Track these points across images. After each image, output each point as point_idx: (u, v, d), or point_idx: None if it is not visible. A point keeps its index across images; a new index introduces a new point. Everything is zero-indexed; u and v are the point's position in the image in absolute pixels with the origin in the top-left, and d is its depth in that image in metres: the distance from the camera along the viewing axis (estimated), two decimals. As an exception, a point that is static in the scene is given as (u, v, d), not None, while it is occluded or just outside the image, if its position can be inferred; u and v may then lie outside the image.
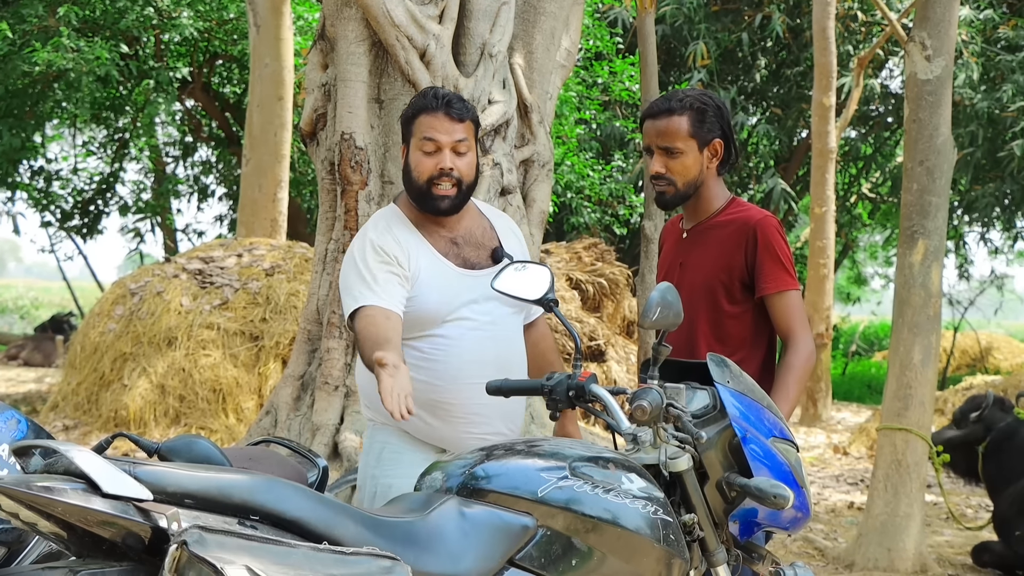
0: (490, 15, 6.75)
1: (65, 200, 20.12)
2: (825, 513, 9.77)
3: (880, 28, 17.53)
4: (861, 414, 17.46)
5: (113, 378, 11.33)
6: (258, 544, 2.51)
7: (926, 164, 7.64)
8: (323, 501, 2.84)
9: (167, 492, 2.56)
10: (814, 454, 13.27)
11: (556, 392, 3.45)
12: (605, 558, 3.09)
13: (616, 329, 12.65)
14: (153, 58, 15.66)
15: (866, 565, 7.51)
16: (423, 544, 2.91)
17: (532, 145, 6.99)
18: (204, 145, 20.88)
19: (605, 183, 15.40)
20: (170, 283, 11.45)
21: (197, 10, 14.80)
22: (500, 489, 3.07)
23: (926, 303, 7.64)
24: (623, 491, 3.12)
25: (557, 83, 7.32)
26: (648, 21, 7.77)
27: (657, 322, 3.33)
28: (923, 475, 7.72)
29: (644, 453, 3.29)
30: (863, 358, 30.14)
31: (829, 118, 15.26)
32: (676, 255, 4.29)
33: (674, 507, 3.30)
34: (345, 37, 6.64)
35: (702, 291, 4.10)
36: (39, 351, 20.60)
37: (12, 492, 2.39)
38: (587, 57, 15.41)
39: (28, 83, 14.69)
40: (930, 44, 7.64)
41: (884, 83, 20.29)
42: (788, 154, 21.27)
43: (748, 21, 17.90)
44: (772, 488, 3.20)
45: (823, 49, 15.02)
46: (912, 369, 7.64)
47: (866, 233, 29.07)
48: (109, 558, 2.55)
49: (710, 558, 3.39)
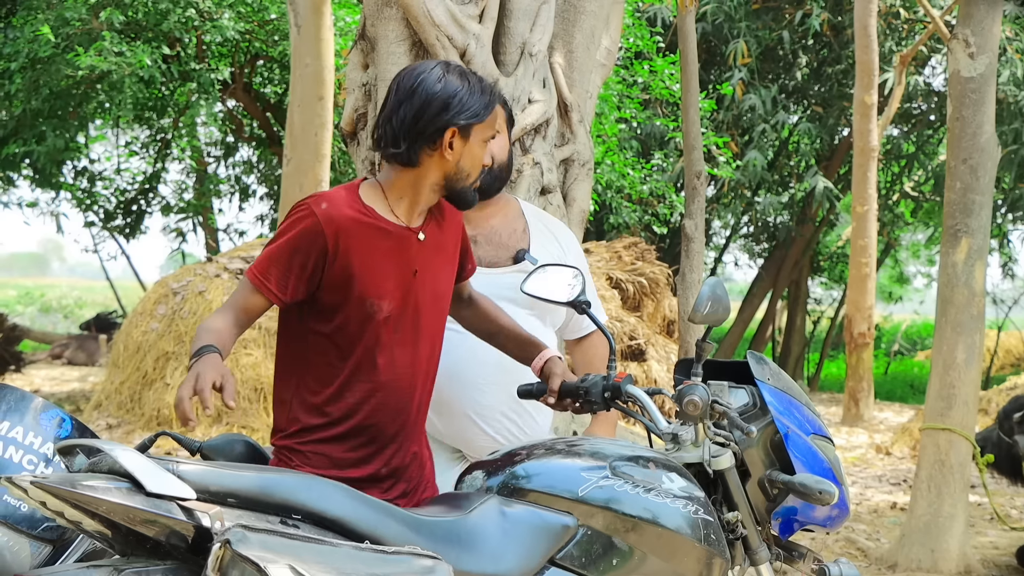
0: (530, 14, 6.74)
1: (108, 200, 20.19)
2: (868, 513, 9.71)
3: (923, 25, 17.40)
4: (904, 414, 17.36)
5: (156, 377, 11.42)
6: (300, 543, 2.51)
7: (969, 162, 7.60)
8: (364, 500, 2.85)
9: (210, 491, 2.58)
10: (856, 454, 13.20)
11: (592, 393, 3.47)
12: (646, 557, 3.09)
13: (656, 328, 12.61)
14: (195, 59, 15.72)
15: (909, 566, 7.47)
16: (464, 543, 2.91)
17: (572, 144, 6.97)
18: (245, 145, 20.92)
19: (645, 182, 15.34)
20: (212, 282, 11.53)
21: (238, 11, 14.85)
22: (541, 488, 3.08)
23: (970, 302, 7.60)
24: (664, 490, 3.12)
25: (597, 82, 7.30)
26: (688, 19, 7.74)
27: (708, 317, 3.34)
28: (967, 475, 7.68)
29: (685, 452, 3.28)
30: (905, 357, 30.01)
31: (871, 116, 15.18)
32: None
33: (715, 506, 3.29)
34: (385, 37, 6.63)
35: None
36: (83, 350, 20.74)
37: (57, 490, 2.40)
38: (627, 56, 15.35)
39: (71, 84, 14.77)
40: (973, 41, 7.60)
41: (927, 80, 20.12)
42: (829, 152, 21.14)
43: (789, 19, 17.80)
44: (817, 484, 3.21)
45: (865, 47, 14.93)
46: (955, 368, 7.60)
47: (908, 232, 28.89)
48: (153, 557, 2.56)
49: (753, 556, 3.39)
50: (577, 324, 4.20)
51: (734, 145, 17.13)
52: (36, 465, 3.26)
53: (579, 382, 3.51)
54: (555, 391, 3.55)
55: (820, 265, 26.48)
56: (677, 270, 7.92)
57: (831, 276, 27.54)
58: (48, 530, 3.18)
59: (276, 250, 3.21)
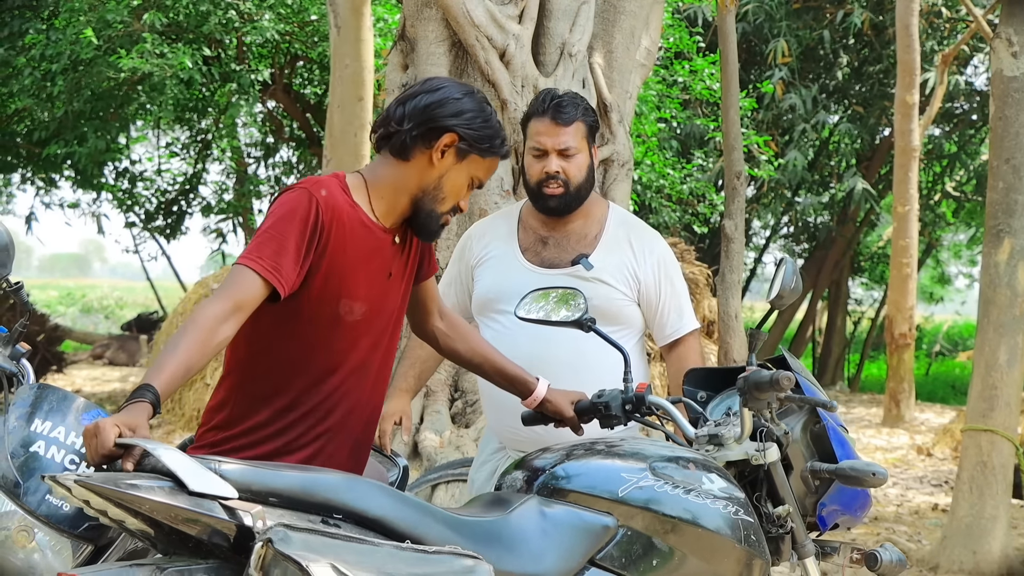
0: (570, 14, 6.74)
1: (149, 201, 20.27)
2: (909, 515, 9.66)
3: (965, 24, 17.30)
4: (945, 415, 17.24)
5: (196, 377, 11.44)
6: (342, 542, 2.51)
7: (1012, 162, 7.55)
8: (405, 500, 2.83)
9: (252, 490, 2.57)
10: (897, 455, 13.13)
11: (612, 408, 3.50)
12: (686, 558, 3.07)
13: (696, 329, 12.55)
14: (235, 60, 15.79)
15: (951, 568, 7.43)
16: (505, 543, 2.89)
17: (612, 144, 6.97)
18: (285, 146, 20.98)
19: (685, 182, 15.30)
20: (252, 283, 11.55)
21: (278, 12, 14.90)
22: (580, 489, 3.05)
23: (1012, 302, 7.55)
24: (704, 491, 3.10)
25: (637, 82, 7.29)
26: (728, 19, 7.71)
27: (785, 298, 3.42)
28: (1009, 477, 7.63)
29: (727, 450, 3.28)
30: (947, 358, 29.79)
31: (912, 116, 15.08)
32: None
33: (759, 502, 3.30)
34: (425, 37, 6.65)
35: None
36: (124, 350, 20.87)
37: (100, 489, 2.41)
38: (667, 56, 15.31)
39: (113, 86, 14.86)
40: (1016, 40, 7.55)
41: (969, 80, 20.01)
42: (870, 152, 21.04)
43: (830, 18, 17.73)
44: (867, 467, 3.21)
45: (906, 46, 14.84)
46: (998, 369, 7.56)
47: (950, 232, 28.70)
48: (195, 555, 2.56)
49: (800, 550, 3.39)
50: (661, 330, 4.23)
51: (774, 145, 17.06)
52: (78, 465, 3.28)
53: (595, 398, 3.54)
54: (571, 415, 3.59)
55: (861, 265, 26.36)
56: (717, 270, 7.90)
57: (872, 276, 27.42)
58: (89, 530, 3.21)
59: (277, 236, 3.04)
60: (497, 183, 6.53)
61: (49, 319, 18.86)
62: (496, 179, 6.45)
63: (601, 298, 3.99)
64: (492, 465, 4.25)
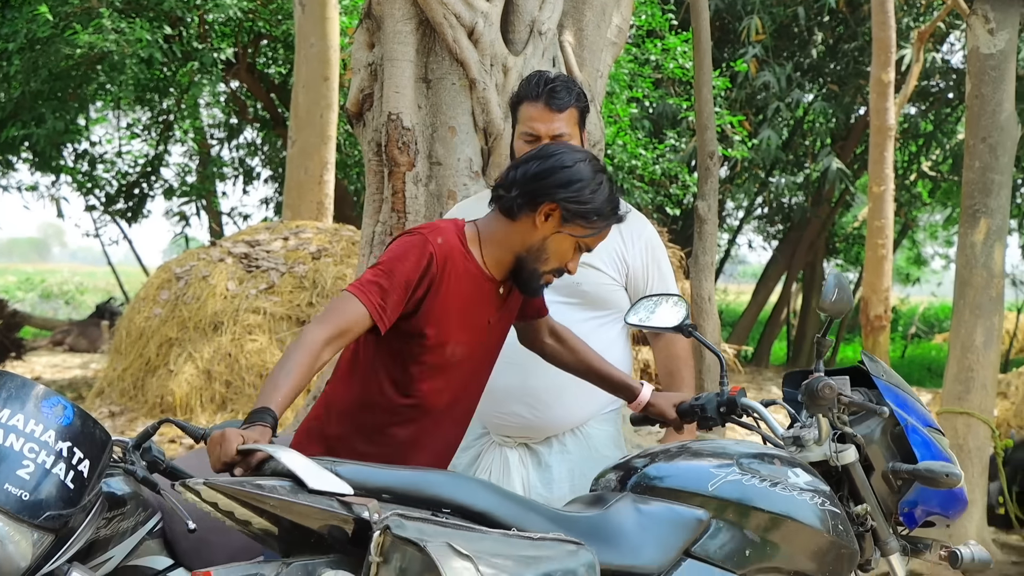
0: (540, -9, 6.55)
1: (109, 183, 20.10)
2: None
3: (941, 1, 17.17)
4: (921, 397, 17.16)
5: (159, 363, 11.30)
6: (452, 529, 2.76)
7: (989, 141, 7.62)
8: (509, 496, 3.10)
9: (366, 487, 2.84)
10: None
11: (707, 410, 3.71)
12: (777, 548, 3.25)
13: (669, 312, 12.42)
14: (197, 39, 15.57)
15: (926, 551, 7.40)
16: (604, 537, 3.09)
17: (583, 125, 6.77)
18: (249, 127, 20.85)
19: (658, 162, 15.18)
20: (216, 267, 11.34)
21: (242, -10, 14.72)
22: (672, 486, 3.25)
23: (988, 283, 7.63)
24: (790, 484, 3.28)
25: (608, 61, 7.14)
26: (702, -4, 7.59)
27: (834, 306, 3.50)
28: (985, 459, 7.80)
29: (808, 452, 3.45)
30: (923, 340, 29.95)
31: (888, 94, 14.90)
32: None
33: (842, 502, 3.46)
34: (392, 15, 6.46)
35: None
36: (84, 337, 20.69)
37: (228, 490, 2.68)
38: (639, 34, 15.17)
39: (71, 65, 14.63)
40: (993, 17, 7.61)
41: (945, 58, 19.96)
42: (845, 132, 21.02)
43: (804, -5, 17.63)
44: (943, 468, 3.36)
45: (882, 23, 14.66)
46: (974, 351, 7.68)
47: (926, 212, 28.75)
48: (316, 551, 2.81)
49: (883, 547, 3.56)
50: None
51: (748, 124, 17.01)
52: (36, 453, 3.20)
53: (693, 401, 3.77)
54: (673, 417, 3.83)
55: (836, 246, 26.45)
56: (690, 252, 7.84)
57: (847, 258, 27.48)
58: (50, 519, 3.15)
59: (389, 276, 3.28)
60: (466, 164, 6.36)
61: (7, 305, 18.74)
62: (465, 160, 6.30)
63: (590, 283, 4.10)
64: (475, 450, 4.28)
